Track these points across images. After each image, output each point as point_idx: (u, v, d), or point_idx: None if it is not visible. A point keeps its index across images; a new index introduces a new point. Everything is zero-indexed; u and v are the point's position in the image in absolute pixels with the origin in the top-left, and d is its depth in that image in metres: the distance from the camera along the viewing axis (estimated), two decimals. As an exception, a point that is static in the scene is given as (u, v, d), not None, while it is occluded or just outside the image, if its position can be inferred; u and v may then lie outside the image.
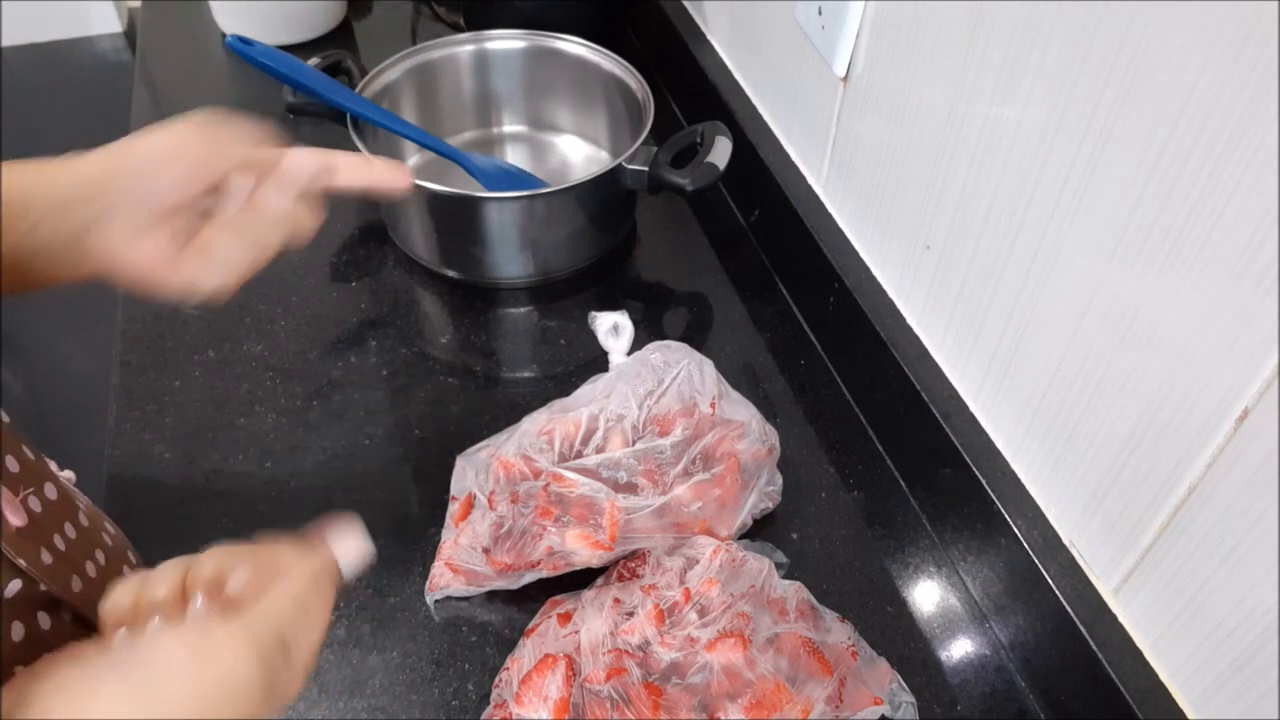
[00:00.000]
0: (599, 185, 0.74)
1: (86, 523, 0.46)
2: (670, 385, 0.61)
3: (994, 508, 0.56)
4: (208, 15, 1.06)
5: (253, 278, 0.48)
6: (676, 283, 0.81)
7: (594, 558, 0.56)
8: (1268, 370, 0.39)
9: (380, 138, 0.79)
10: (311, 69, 0.75)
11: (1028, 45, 0.49)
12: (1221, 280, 0.41)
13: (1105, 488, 0.50)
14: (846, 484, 0.66)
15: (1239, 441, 0.42)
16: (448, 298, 0.78)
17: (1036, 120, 0.50)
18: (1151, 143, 0.43)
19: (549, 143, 0.92)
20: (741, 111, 0.83)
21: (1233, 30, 0.38)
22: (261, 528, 0.61)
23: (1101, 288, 0.48)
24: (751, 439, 0.60)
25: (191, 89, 1.03)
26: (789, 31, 0.74)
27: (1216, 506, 0.43)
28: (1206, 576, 0.45)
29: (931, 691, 0.56)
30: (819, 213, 0.74)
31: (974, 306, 0.58)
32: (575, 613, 0.54)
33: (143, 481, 0.64)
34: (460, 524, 0.58)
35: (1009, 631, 0.58)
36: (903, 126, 0.62)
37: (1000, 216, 0.54)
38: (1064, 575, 0.53)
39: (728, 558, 0.55)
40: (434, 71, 0.86)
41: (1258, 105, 0.37)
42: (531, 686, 0.50)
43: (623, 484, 0.57)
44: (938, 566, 0.62)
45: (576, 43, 0.86)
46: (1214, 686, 0.46)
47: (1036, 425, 0.55)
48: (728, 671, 0.50)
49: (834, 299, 0.71)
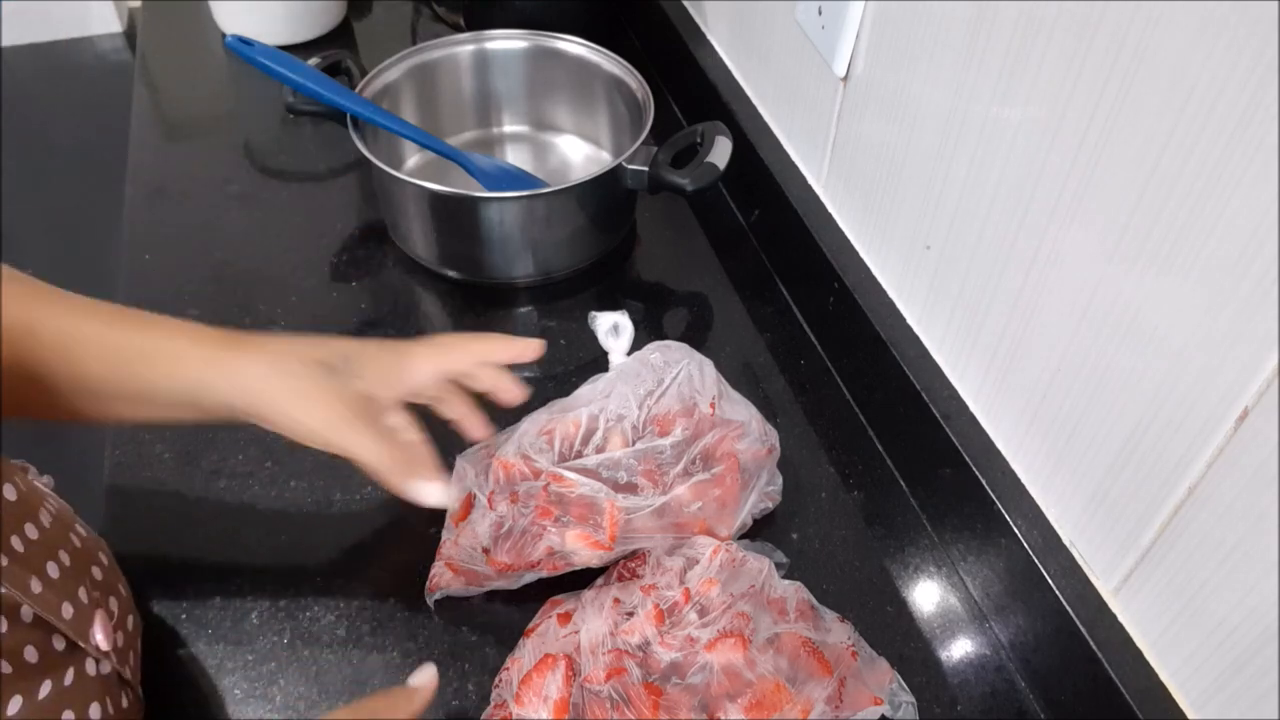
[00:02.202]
0: (599, 185, 0.74)
1: (50, 523, 0.46)
2: (670, 385, 0.61)
3: (994, 508, 0.56)
4: (208, 15, 1.06)
5: (252, 278, 0.49)
6: (676, 283, 0.81)
7: (594, 558, 0.56)
8: (1268, 370, 0.39)
9: (380, 138, 0.79)
10: (311, 69, 0.75)
11: (1028, 45, 0.49)
12: (1221, 280, 0.41)
13: (1105, 488, 0.50)
14: (846, 484, 0.66)
15: (1239, 441, 0.42)
16: (448, 298, 0.78)
17: (1036, 120, 0.50)
18: (1151, 143, 0.43)
19: (549, 143, 0.92)
20: (741, 111, 0.83)
21: (1233, 30, 0.38)
22: (261, 528, 0.62)
23: (1101, 287, 0.48)
24: (751, 439, 0.60)
25: (191, 89, 1.03)
26: (789, 31, 0.74)
27: (1216, 506, 0.43)
28: (1206, 576, 0.45)
29: (931, 691, 0.56)
30: (819, 213, 0.74)
31: (974, 306, 0.58)
32: (575, 613, 0.54)
33: (143, 481, 0.64)
34: (460, 524, 0.58)
35: (1009, 631, 0.58)
36: (903, 126, 0.62)
37: (1000, 216, 0.54)
38: (1064, 575, 0.53)
39: (728, 558, 0.55)
40: (434, 71, 0.86)
41: (1258, 105, 0.37)
42: (531, 686, 0.50)
43: (623, 484, 0.57)
44: (938, 566, 0.62)
45: (576, 43, 0.86)
46: (1214, 686, 0.46)
47: (1036, 425, 0.55)
48: (728, 671, 0.50)
49: (834, 299, 0.71)
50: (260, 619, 0.57)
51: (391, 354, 0.55)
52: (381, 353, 0.55)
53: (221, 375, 0.49)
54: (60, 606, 0.43)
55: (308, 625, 0.57)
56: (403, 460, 0.51)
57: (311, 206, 0.86)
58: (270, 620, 0.57)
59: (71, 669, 0.43)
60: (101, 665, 0.46)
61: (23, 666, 0.40)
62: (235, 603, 0.58)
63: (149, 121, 0.96)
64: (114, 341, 0.49)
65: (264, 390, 0.50)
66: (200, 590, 0.58)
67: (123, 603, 0.51)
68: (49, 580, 0.43)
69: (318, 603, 0.58)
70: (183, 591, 0.58)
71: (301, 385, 0.50)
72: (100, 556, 0.51)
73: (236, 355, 0.50)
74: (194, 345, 0.50)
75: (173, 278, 0.77)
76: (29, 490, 0.46)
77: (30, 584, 0.42)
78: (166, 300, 0.76)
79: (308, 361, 0.51)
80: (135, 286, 0.77)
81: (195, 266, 0.79)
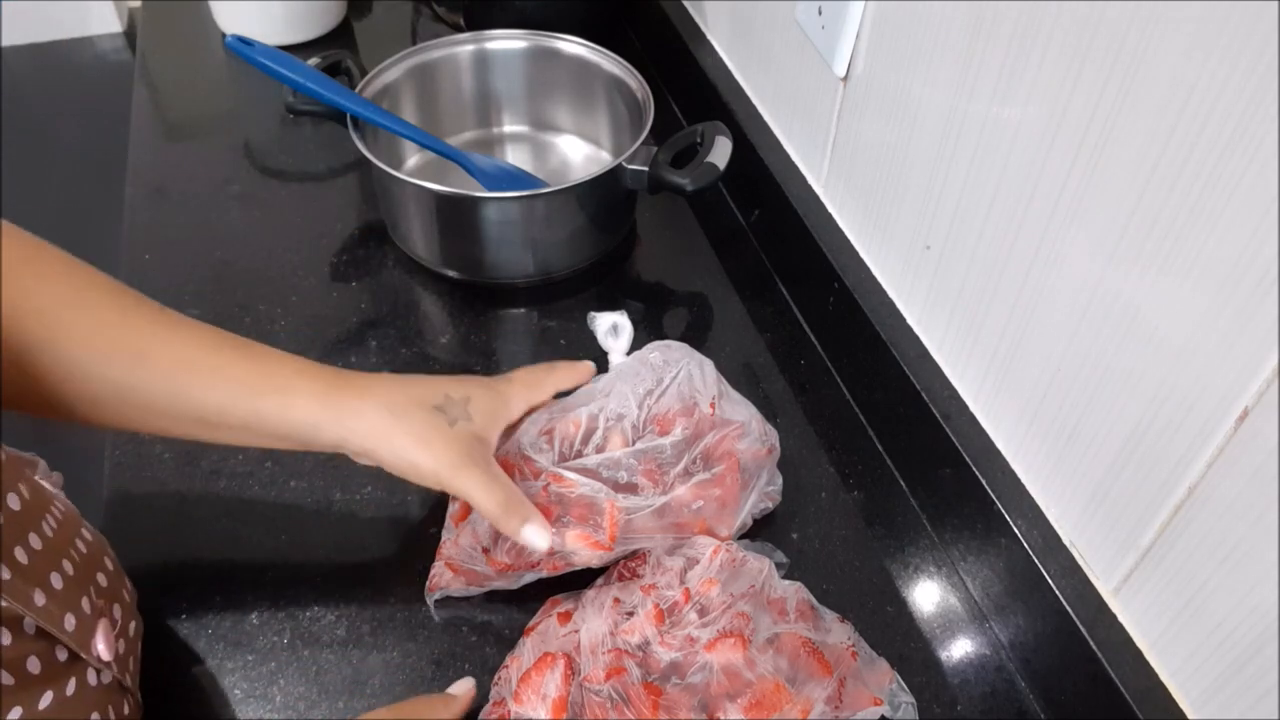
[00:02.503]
0: (599, 185, 0.74)
1: (54, 531, 0.45)
2: (670, 385, 0.61)
3: (994, 508, 0.56)
4: (208, 15, 1.06)
5: (252, 278, 0.49)
6: (676, 283, 0.81)
7: (594, 558, 0.56)
8: (1268, 370, 0.39)
9: (380, 138, 0.79)
10: (311, 69, 0.75)
11: (1028, 45, 0.49)
12: (1221, 280, 0.41)
13: (1105, 488, 0.50)
14: (846, 484, 0.66)
15: (1239, 441, 0.42)
16: (448, 298, 0.78)
17: (1036, 120, 0.50)
18: (1151, 143, 0.43)
19: (549, 143, 0.92)
20: (741, 111, 0.83)
21: (1233, 30, 0.38)
22: (261, 528, 0.62)
23: (1101, 288, 0.48)
24: (751, 439, 0.60)
25: (191, 89, 1.03)
26: (789, 31, 0.74)
27: (1216, 506, 0.43)
28: (1206, 576, 0.45)
29: (931, 691, 0.56)
30: (819, 212, 0.74)
31: (974, 306, 0.58)
32: (575, 612, 0.54)
33: (143, 481, 0.64)
34: (460, 524, 0.58)
35: (1009, 631, 0.58)
36: (903, 126, 0.62)
37: (1000, 216, 0.54)
38: (1064, 575, 0.53)
39: (728, 558, 0.55)
40: (434, 71, 0.86)
41: (1258, 105, 0.37)
42: (530, 684, 0.50)
43: (623, 484, 0.57)
44: (938, 566, 0.62)
45: (576, 43, 0.86)
46: (1214, 686, 0.46)
47: (1036, 425, 0.55)
48: (727, 671, 0.50)
49: (834, 299, 0.71)
50: (260, 619, 0.57)
51: (492, 394, 0.57)
52: (484, 393, 0.57)
53: (335, 417, 0.51)
54: (63, 619, 0.43)
55: (308, 625, 0.57)
56: (514, 503, 0.53)
57: (311, 206, 0.86)
58: (270, 620, 0.57)
59: (73, 679, 0.43)
60: (103, 675, 0.46)
61: (25, 677, 0.40)
62: (235, 603, 0.58)
63: (149, 121, 0.96)
64: (228, 374, 0.50)
65: (381, 434, 0.51)
66: (200, 590, 0.58)
67: (125, 609, 0.51)
68: (52, 591, 0.43)
69: (318, 603, 0.58)
70: (182, 591, 0.58)
71: (416, 429, 0.52)
72: (105, 561, 0.51)
73: (350, 397, 0.52)
74: (307, 381, 0.51)
75: (173, 278, 0.77)
76: (35, 495, 0.45)
77: (33, 596, 0.41)
78: (166, 300, 0.75)
79: (421, 404, 0.53)
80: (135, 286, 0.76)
81: (195, 266, 0.79)
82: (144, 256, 0.79)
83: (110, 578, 0.50)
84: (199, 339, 0.51)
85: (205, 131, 0.96)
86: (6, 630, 0.39)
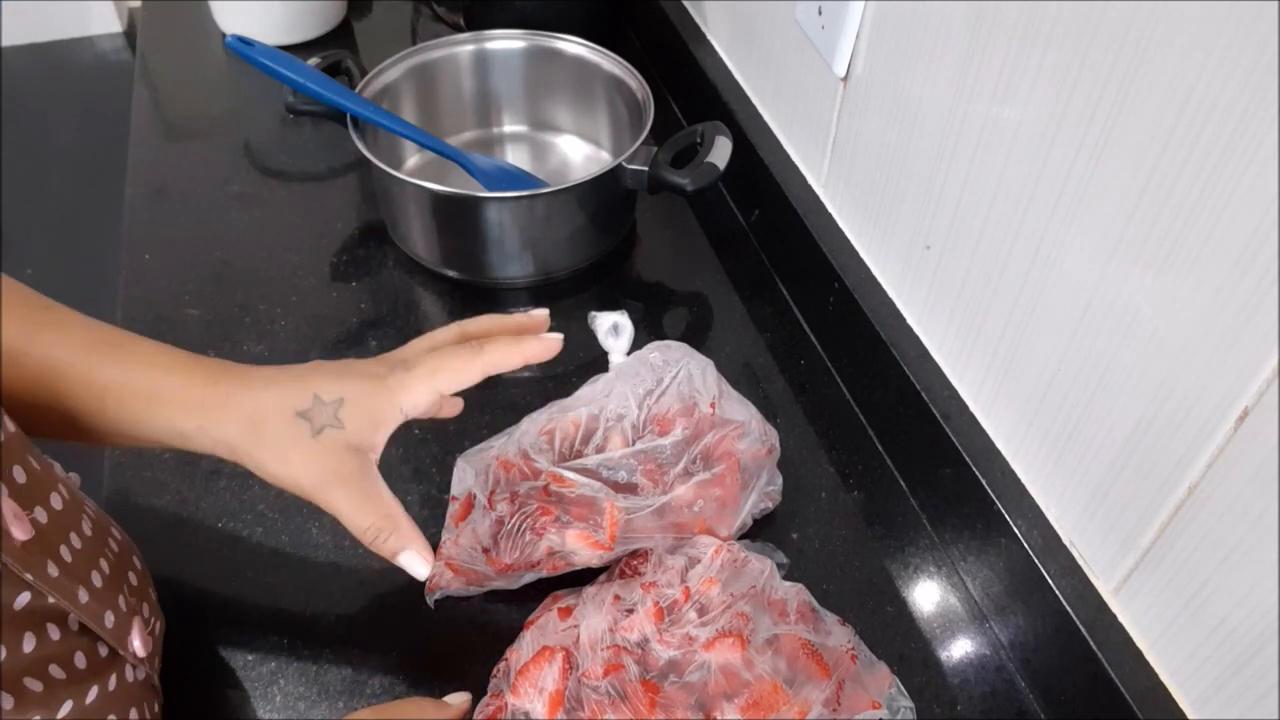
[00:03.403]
0: (599, 185, 0.74)
1: (91, 531, 0.46)
2: (670, 385, 0.61)
3: (994, 508, 0.56)
4: (208, 15, 1.06)
5: (252, 278, 0.49)
6: (676, 283, 0.81)
7: (594, 558, 0.56)
8: (1268, 370, 0.39)
9: (380, 138, 0.79)
10: (311, 69, 0.75)
11: (1028, 45, 0.49)
12: (1221, 280, 0.41)
13: (1105, 488, 0.50)
14: (846, 484, 0.66)
15: (1239, 441, 0.42)
16: (448, 298, 0.78)
17: (1036, 120, 0.50)
18: (1151, 143, 0.43)
19: (549, 143, 0.92)
20: (741, 111, 0.83)
21: (1233, 30, 0.38)
22: (261, 528, 0.62)
23: (1101, 287, 0.48)
24: (751, 439, 0.60)
25: (191, 89, 1.03)
26: (789, 31, 0.74)
27: (1216, 506, 0.43)
28: (1206, 576, 0.45)
29: (931, 692, 0.56)
30: (819, 212, 0.74)
31: (974, 306, 0.58)
32: (576, 608, 0.54)
33: (143, 481, 0.64)
34: (460, 524, 0.58)
35: (1009, 631, 0.58)
36: (903, 126, 0.62)
37: (1000, 216, 0.54)
38: (1064, 575, 0.53)
39: (729, 557, 0.55)
40: (434, 71, 0.86)
41: (1258, 105, 0.37)
42: (528, 678, 0.50)
43: (623, 484, 0.57)
44: (938, 566, 0.62)
45: (576, 43, 0.86)
46: (1214, 686, 0.46)
47: (1036, 425, 0.55)
48: (725, 671, 0.50)
49: (834, 299, 0.71)
50: (260, 619, 0.57)
51: (376, 392, 0.51)
52: (365, 391, 0.50)
53: (198, 426, 0.48)
54: (103, 615, 0.43)
55: (308, 625, 0.57)
56: (388, 526, 0.50)
57: (311, 206, 0.86)
58: (270, 620, 0.57)
59: (114, 675, 0.44)
60: (138, 671, 0.47)
61: (74, 673, 0.41)
62: (235, 603, 0.58)
63: (149, 121, 0.96)
64: (100, 378, 0.47)
65: (243, 448, 0.48)
66: (200, 590, 0.58)
67: (153, 608, 0.51)
68: (93, 589, 0.43)
69: (318, 603, 0.58)
70: (182, 592, 0.58)
71: (274, 441, 0.48)
72: (134, 561, 0.51)
73: (215, 405, 0.48)
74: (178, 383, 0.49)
75: (173, 278, 0.77)
76: (72, 495, 0.45)
77: (78, 594, 0.42)
78: (166, 300, 0.76)
79: (282, 411, 0.49)
80: (135, 286, 0.77)
81: (195, 266, 0.79)
82: (144, 256, 0.79)
83: (139, 577, 0.50)
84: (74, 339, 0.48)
85: (205, 131, 0.96)
86: (55, 626, 0.40)
